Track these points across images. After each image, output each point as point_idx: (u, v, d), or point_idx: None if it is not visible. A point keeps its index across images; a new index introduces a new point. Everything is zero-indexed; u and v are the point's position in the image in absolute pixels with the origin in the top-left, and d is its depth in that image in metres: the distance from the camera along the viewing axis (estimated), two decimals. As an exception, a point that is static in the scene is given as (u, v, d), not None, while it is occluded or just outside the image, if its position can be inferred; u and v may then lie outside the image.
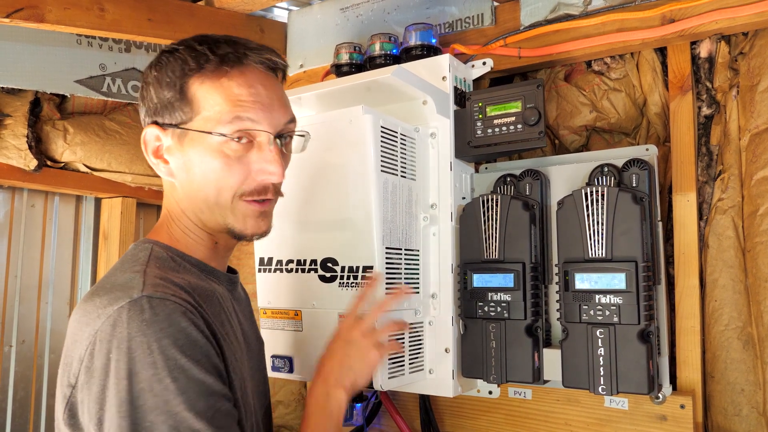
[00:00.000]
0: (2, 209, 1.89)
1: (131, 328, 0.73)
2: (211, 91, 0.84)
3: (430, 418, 1.46)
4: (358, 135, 1.17)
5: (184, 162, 0.86)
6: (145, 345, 0.72)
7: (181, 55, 0.85)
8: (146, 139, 0.87)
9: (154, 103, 0.86)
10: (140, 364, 0.72)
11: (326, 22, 1.75)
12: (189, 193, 0.88)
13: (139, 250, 0.86)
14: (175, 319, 0.74)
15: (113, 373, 0.72)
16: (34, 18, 1.34)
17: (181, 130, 0.85)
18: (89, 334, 0.75)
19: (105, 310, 0.75)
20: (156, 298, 0.75)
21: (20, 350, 1.90)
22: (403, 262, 1.23)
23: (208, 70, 0.84)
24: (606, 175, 1.23)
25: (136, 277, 0.78)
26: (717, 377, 1.27)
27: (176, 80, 0.84)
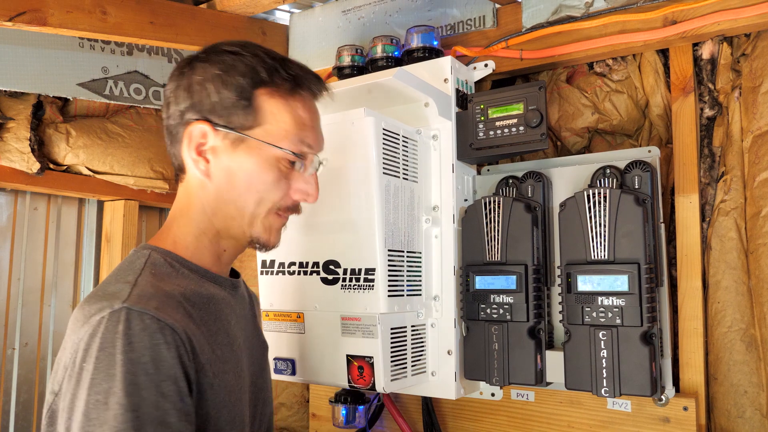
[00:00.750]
0: (5, 212, 1.90)
1: (104, 339, 0.72)
2: (279, 107, 0.86)
3: (432, 420, 1.45)
4: (360, 137, 1.17)
5: (230, 166, 0.85)
6: (111, 356, 0.71)
7: (250, 61, 0.85)
8: (193, 134, 0.85)
9: (211, 101, 0.84)
10: (101, 375, 0.70)
11: (328, 24, 1.75)
12: (223, 196, 0.87)
13: (136, 257, 0.85)
14: (147, 335, 0.73)
15: (82, 383, 0.71)
16: (37, 21, 1.35)
17: (239, 134, 0.85)
18: (74, 342, 0.75)
19: (90, 319, 0.74)
20: (135, 310, 0.74)
21: (23, 353, 1.90)
22: (405, 265, 1.23)
23: (279, 86, 0.86)
24: (608, 176, 1.23)
25: (126, 287, 0.78)
26: (720, 379, 1.26)
27: (245, 85, 0.84)
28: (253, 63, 0.85)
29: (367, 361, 1.17)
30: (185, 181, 0.90)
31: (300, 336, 1.26)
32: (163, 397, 0.72)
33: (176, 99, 0.87)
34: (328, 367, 1.22)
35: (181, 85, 0.86)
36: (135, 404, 0.70)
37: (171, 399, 0.73)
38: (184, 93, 0.86)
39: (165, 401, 0.72)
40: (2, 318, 1.87)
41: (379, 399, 1.51)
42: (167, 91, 0.89)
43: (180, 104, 0.86)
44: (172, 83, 0.88)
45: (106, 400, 0.70)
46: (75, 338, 0.75)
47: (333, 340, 1.21)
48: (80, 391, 0.72)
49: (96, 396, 0.70)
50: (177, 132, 0.87)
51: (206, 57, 0.87)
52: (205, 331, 0.82)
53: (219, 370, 0.82)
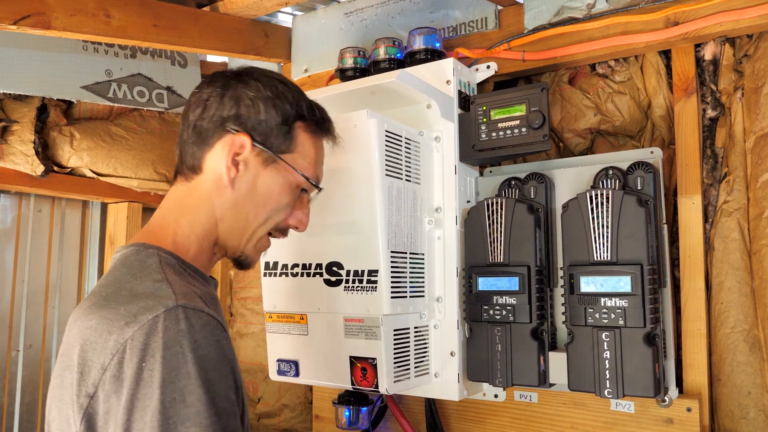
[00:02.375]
0: (9, 214, 1.90)
1: (167, 337, 0.72)
2: (309, 142, 0.95)
3: (435, 421, 1.46)
4: (363, 139, 1.17)
5: (255, 181, 0.90)
6: (180, 355, 0.72)
7: (296, 95, 0.94)
8: (234, 143, 0.88)
9: (258, 118, 0.89)
10: (174, 374, 0.71)
11: (330, 26, 1.75)
12: (239, 207, 0.91)
13: (145, 256, 0.84)
14: (209, 332, 0.75)
15: (145, 382, 0.71)
16: (41, 25, 1.35)
17: (273, 155, 0.91)
18: (116, 342, 0.73)
19: (137, 318, 0.73)
20: (191, 308, 0.75)
21: (27, 354, 1.91)
22: (408, 266, 1.23)
23: (313, 123, 0.95)
24: (611, 177, 1.23)
25: (162, 285, 0.78)
26: (723, 380, 1.26)
27: (289, 114, 0.92)
28: (298, 97, 0.94)
29: (371, 362, 1.17)
30: (197, 181, 0.91)
31: (303, 337, 1.26)
32: (230, 389, 0.76)
33: (220, 104, 0.90)
34: (332, 368, 1.23)
35: (227, 94, 0.90)
36: (212, 399, 0.72)
37: (233, 391, 0.77)
38: (230, 102, 0.89)
39: (231, 393, 0.76)
40: (7, 320, 1.87)
41: (383, 400, 1.51)
42: (205, 93, 0.91)
43: (223, 111, 0.89)
44: (215, 89, 0.91)
45: (184, 397, 0.71)
46: (116, 338, 0.73)
47: (336, 341, 1.21)
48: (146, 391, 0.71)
49: (172, 395, 0.70)
50: (210, 134, 0.90)
51: (257, 76, 0.92)
52: None
53: None
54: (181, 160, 0.92)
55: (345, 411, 1.47)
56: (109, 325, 0.75)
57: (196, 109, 0.90)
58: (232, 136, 0.88)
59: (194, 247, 0.90)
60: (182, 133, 0.92)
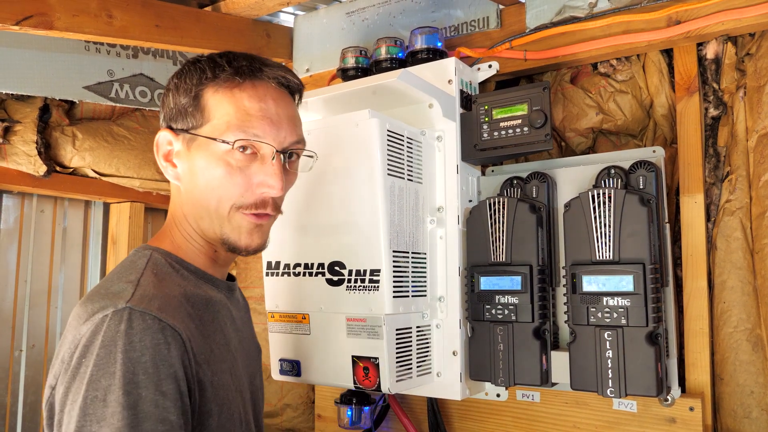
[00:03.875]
0: (12, 215, 1.91)
1: (105, 337, 0.73)
2: (222, 101, 0.86)
3: (437, 421, 1.46)
4: (365, 139, 1.17)
5: (189, 167, 0.88)
6: (111, 354, 0.72)
7: (201, 65, 0.88)
8: (159, 143, 0.90)
9: (170, 108, 0.89)
10: (101, 372, 0.72)
11: (332, 26, 1.75)
12: (191, 199, 0.89)
13: (138, 257, 0.87)
14: (148, 335, 0.74)
15: (78, 378, 0.73)
16: (43, 25, 1.36)
17: (191, 135, 0.87)
18: (73, 337, 0.76)
19: (92, 317, 0.75)
20: (137, 310, 0.75)
21: (30, 354, 1.91)
22: (410, 266, 1.23)
23: (222, 79, 0.86)
24: (613, 177, 1.22)
25: (128, 287, 0.79)
26: (726, 379, 1.26)
27: (192, 87, 0.87)
28: (203, 65, 0.88)
29: (373, 362, 1.17)
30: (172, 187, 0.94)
31: (305, 337, 1.26)
32: (162, 395, 0.73)
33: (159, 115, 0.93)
34: (334, 368, 1.23)
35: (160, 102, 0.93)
36: (133, 402, 0.71)
37: (171, 397, 0.73)
38: (160, 108, 0.93)
39: (165, 399, 0.73)
40: (9, 320, 1.88)
41: (385, 400, 1.51)
42: None
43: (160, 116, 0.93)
44: None
45: (105, 397, 0.71)
46: (76, 334, 0.76)
47: (338, 341, 1.21)
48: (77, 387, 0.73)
49: (94, 392, 0.71)
50: None
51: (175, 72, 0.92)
52: (203, 330, 0.84)
53: (217, 369, 0.84)
54: None
55: (347, 410, 1.47)
56: (76, 322, 0.77)
57: None
58: (156, 137, 0.90)
59: (188, 248, 0.91)
60: None
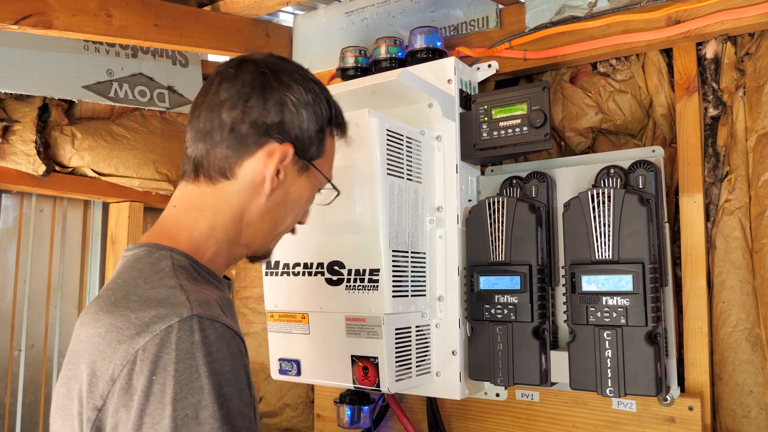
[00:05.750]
0: (11, 214, 1.91)
1: (180, 350, 0.68)
2: (332, 145, 0.93)
3: (437, 420, 1.46)
4: (365, 138, 1.17)
5: (289, 187, 0.88)
6: (193, 368, 0.68)
7: (326, 95, 0.90)
8: (282, 153, 0.84)
9: (301, 128, 0.85)
10: (186, 389, 0.68)
11: (331, 26, 1.75)
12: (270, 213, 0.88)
13: (157, 259, 0.79)
14: (224, 344, 0.71)
15: (156, 397, 0.68)
16: (42, 24, 1.36)
17: (309, 163, 0.88)
18: (126, 352, 0.70)
19: (149, 328, 0.70)
20: (206, 318, 0.71)
21: (29, 354, 1.91)
22: (409, 265, 1.23)
23: (337, 126, 0.93)
24: (612, 176, 1.22)
25: (176, 292, 0.74)
26: (725, 379, 1.26)
27: (324, 120, 0.89)
28: (328, 99, 0.90)
29: (372, 361, 1.17)
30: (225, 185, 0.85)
31: (305, 337, 1.26)
32: (245, 405, 0.72)
33: (264, 110, 0.83)
34: (333, 367, 1.23)
35: (270, 98, 0.84)
36: (226, 416, 0.69)
37: (250, 406, 0.74)
38: (275, 108, 0.83)
39: (248, 409, 0.73)
40: (9, 319, 1.88)
41: (384, 399, 1.51)
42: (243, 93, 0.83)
43: (267, 117, 0.83)
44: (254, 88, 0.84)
45: (197, 414, 0.67)
46: (126, 348, 0.70)
47: (338, 340, 1.21)
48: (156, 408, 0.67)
49: (184, 411, 0.67)
50: (252, 141, 0.83)
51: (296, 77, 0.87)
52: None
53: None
54: (207, 160, 0.84)
55: (347, 410, 1.47)
56: (118, 334, 0.71)
57: (234, 110, 0.83)
58: (278, 147, 0.83)
59: (212, 250, 0.85)
60: (210, 132, 0.84)
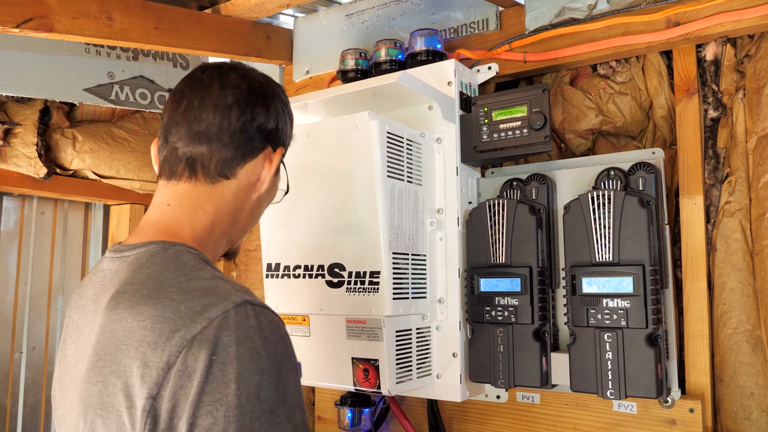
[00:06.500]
0: (12, 217, 1.91)
1: (239, 333, 0.72)
2: None
3: (438, 422, 1.46)
4: (365, 140, 1.17)
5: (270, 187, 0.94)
6: (253, 350, 0.72)
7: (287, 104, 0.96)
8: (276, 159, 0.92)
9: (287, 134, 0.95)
10: (249, 370, 0.71)
11: (332, 28, 1.75)
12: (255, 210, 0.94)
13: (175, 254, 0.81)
14: (275, 329, 0.76)
15: (216, 376, 0.70)
16: (43, 28, 1.36)
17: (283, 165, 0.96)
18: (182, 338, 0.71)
19: (204, 314, 0.72)
20: (257, 305, 0.75)
21: (30, 356, 1.91)
22: (410, 267, 1.23)
23: None
24: (612, 178, 1.23)
25: (218, 282, 0.77)
26: (726, 381, 1.26)
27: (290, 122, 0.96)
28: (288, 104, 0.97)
29: (373, 363, 1.17)
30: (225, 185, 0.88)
31: (305, 339, 1.26)
32: (296, 387, 0.76)
33: (267, 116, 0.90)
34: (334, 369, 1.23)
35: (271, 106, 0.91)
36: (283, 396, 0.73)
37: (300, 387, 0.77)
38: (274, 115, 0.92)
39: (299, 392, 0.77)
40: (10, 322, 1.88)
41: (385, 401, 1.51)
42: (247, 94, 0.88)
43: (269, 123, 0.90)
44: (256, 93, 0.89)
45: (258, 393, 0.71)
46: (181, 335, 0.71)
47: (338, 342, 1.21)
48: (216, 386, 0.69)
49: (247, 389, 0.70)
50: (257, 144, 0.89)
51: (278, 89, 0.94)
52: None
53: None
54: (209, 160, 0.86)
55: (347, 412, 1.47)
56: (171, 324, 0.72)
57: (244, 115, 0.87)
58: (277, 151, 0.92)
59: (211, 246, 0.90)
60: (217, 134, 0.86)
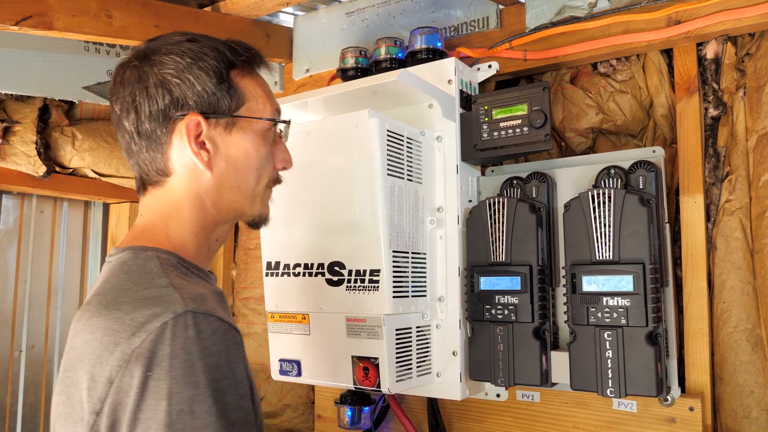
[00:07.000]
0: (12, 215, 1.91)
1: (175, 345, 0.68)
2: (251, 85, 0.89)
3: (437, 421, 1.46)
4: (365, 139, 1.17)
5: (228, 152, 0.85)
6: (188, 363, 0.68)
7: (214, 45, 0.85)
8: (189, 128, 0.82)
9: (195, 91, 0.83)
10: (181, 384, 0.67)
11: (332, 26, 1.75)
12: (226, 183, 0.86)
13: (144, 260, 0.80)
14: (219, 338, 0.71)
15: (151, 393, 0.67)
16: (43, 25, 1.36)
17: (231, 117, 0.85)
18: (122, 353, 0.69)
19: (144, 327, 0.69)
20: (200, 313, 0.71)
21: (30, 355, 1.91)
22: (410, 266, 1.23)
23: (242, 65, 0.88)
24: (612, 177, 1.22)
25: (168, 291, 0.74)
26: (726, 379, 1.26)
27: (220, 70, 0.84)
28: (217, 46, 0.86)
29: (373, 362, 1.17)
30: (171, 182, 0.86)
31: (305, 337, 1.26)
32: (242, 398, 0.72)
33: (150, 99, 0.82)
34: (334, 368, 1.23)
35: (149, 85, 0.82)
36: (222, 410, 0.68)
37: (248, 398, 0.73)
38: (159, 91, 0.82)
39: (245, 401, 0.72)
40: (9, 320, 1.88)
41: (385, 400, 1.51)
42: (127, 96, 0.83)
43: (158, 103, 0.82)
44: (134, 85, 0.83)
45: (192, 408, 0.67)
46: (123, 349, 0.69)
47: (338, 341, 1.21)
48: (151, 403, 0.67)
49: (179, 406, 0.66)
50: (160, 133, 0.83)
51: (166, 49, 0.84)
52: None
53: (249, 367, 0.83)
54: (145, 171, 0.86)
55: (347, 411, 1.47)
56: (115, 337, 0.71)
57: (129, 116, 0.83)
58: (183, 122, 0.82)
59: (192, 245, 0.86)
60: (128, 146, 0.85)
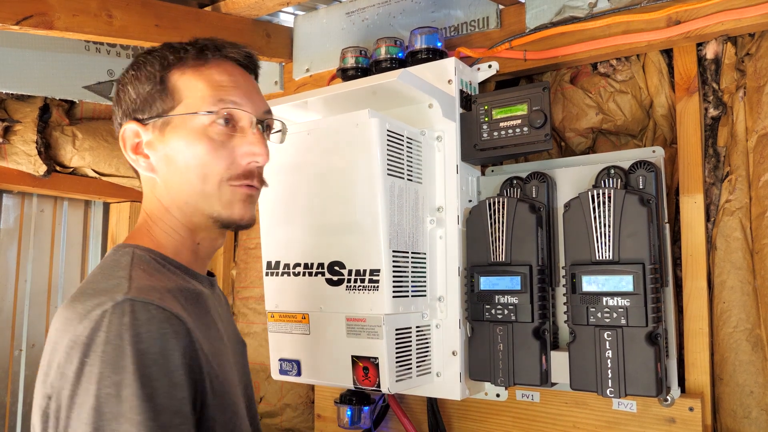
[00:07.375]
0: (12, 214, 1.91)
1: (110, 332, 0.70)
2: (192, 80, 0.86)
3: (437, 421, 1.46)
4: (365, 138, 1.17)
5: (165, 153, 0.85)
6: (119, 348, 0.69)
7: (160, 52, 0.88)
8: (125, 136, 0.87)
9: (132, 99, 0.86)
10: (110, 368, 0.69)
11: (332, 26, 1.75)
12: (172, 186, 0.86)
13: (120, 255, 0.84)
14: (154, 325, 0.72)
15: (84, 379, 0.69)
16: (43, 25, 1.36)
17: (163, 119, 0.85)
18: (69, 340, 0.72)
19: (88, 315, 0.72)
20: (139, 301, 0.72)
21: (30, 354, 1.91)
22: (410, 265, 1.23)
23: (188, 60, 0.87)
24: (612, 177, 1.22)
25: (122, 281, 0.76)
26: (726, 379, 1.26)
27: (156, 74, 0.86)
28: (163, 52, 0.87)
29: (372, 361, 1.17)
30: (144, 183, 0.92)
31: (305, 337, 1.26)
32: (174, 386, 0.72)
33: (118, 111, 0.90)
34: (334, 367, 1.23)
35: (117, 101, 0.90)
36: (149, 394, 0.69)
37: (182, 388, 0.72)
38: (115, 105, 0.90)
39: (177, 390, 0.72)
40: (9, 319, 1.88)
41: (384, 400, 1.52)
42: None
43: (116, 116, 0.90)
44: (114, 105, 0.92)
45: (119, 392, 0.68)
46: (69, 336, 0.72)
47: (338, 341, 1.21)
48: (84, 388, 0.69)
49: (107, 389, 0.68)
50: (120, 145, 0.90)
51: (131, 64, 0.89)
52: (199, 324, 0.81)
53: (219, 362, 0.82)
54: None
55: (347, 410, 1.47)
56: (67, 325, 0.74)
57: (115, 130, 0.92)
58: (120, 131, 0.88)
59: (170, 243, 0.88)
60: None
